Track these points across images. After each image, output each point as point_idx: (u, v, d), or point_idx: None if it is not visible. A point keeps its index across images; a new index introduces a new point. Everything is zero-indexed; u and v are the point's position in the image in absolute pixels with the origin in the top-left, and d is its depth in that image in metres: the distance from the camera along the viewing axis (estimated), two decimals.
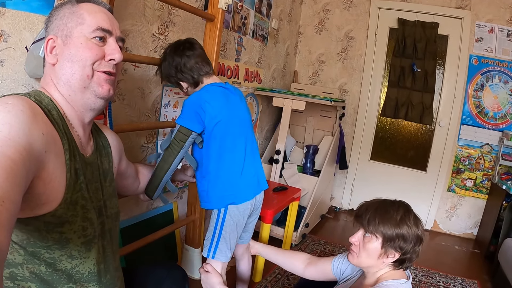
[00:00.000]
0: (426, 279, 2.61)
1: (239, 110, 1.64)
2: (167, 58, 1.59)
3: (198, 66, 1.56)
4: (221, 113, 1.52)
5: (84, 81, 0.88)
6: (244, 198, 1.62)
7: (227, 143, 1.56)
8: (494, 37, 3.34)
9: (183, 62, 1.55)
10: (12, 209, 0.56)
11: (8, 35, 1.22)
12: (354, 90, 3.86)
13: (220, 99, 1.55)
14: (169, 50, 1.60)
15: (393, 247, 1.17)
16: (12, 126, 0.65)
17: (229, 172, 1.58)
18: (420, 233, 1.19)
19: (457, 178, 3.60)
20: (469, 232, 3.62)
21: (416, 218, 1.21)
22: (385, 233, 1.17)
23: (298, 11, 3.89)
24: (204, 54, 1.63)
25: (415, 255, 1.20)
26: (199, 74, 1.57)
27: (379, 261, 1.20)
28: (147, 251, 1.97)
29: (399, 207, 1.22)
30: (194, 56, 1.56)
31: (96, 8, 0.91)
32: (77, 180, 0.86)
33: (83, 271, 0.90)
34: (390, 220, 1.18)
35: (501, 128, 3.40)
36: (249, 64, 2.97)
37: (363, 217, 1.23)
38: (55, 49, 0.88)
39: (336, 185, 4.04)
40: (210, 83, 1.59)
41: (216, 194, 1.60)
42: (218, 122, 1.51)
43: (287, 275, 2.42)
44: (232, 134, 1.57)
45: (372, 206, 1.25)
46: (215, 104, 1.51)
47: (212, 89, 1.55)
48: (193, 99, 1.52)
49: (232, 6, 2.53)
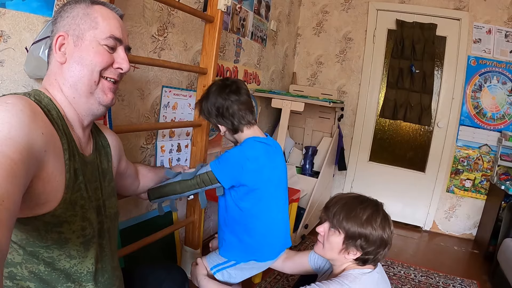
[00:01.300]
0: (425, 280, 2.61)
1: (278, 169, 1.55)
2: (210, 97, 1.49)
3: (241, 114, 1.46)
4: (261, 173, 1.44)
5: (91, 86, 0.88)
6: (268, 257, 1.55)
7: (262, 203, 1.48)
8: (492, 38, 3.35)
9: (226, 105, 1.45)
10: (12, 208, 0.56)
11: (8, 35, 1.22)
12: (353, 92, 3.87)
13: (263, 159, 1.45)
14: (214, 89, 1.49)
15: (354, 245, 1.16)
16: (11, 126, 0.65)
17: (258, 230, 1.50)
18: (386, 237, 1.16)
19: (455, 178, 3.60)
20: (468, 233, 3.62)
21: (385, 221, 1.18)
22: (348, 230, 1.16)
23: (297, 13, 3.89)
24: (249, 101, 1.52)
25: (380, 257, 1.18)
26: (240, 122, 1.47)
27: (340, 256, 1.20)
28: (147, 252, 1.96)
29: (367, 207, 1.19)
30: (239, 102, 1.46)
31: (111, 14, 0.92)
32: (76, 180, 0.86)
33: (81, 271, 0.90)
34: (355, 218, 1.16)
35: (499, 129, 3.41)
36: (248, 65, 2.97)
37: (330, 209, 1.22)
38: (64, 47, 0.87)
39: (335, 186, 4.04)
40: (253, 136, 1.49)
41: (238, 249, 1.52)
42: (257, 182, 1.44)
43: (286, 276, 2.41)
44: (267, 194, 1.49)
45: (342, 200, 1.23)
46: (257, 163, 1.43)
47: (256, 147, 1.46)
48: (236, 154, 1.43)
49: (231, 8, 2.54)
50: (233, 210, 1.49)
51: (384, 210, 1.22)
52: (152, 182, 1.53)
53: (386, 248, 1.17)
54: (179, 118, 2.16)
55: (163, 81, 1.99)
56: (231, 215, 1.51)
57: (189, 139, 2.25)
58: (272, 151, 1.53)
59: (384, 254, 1.18)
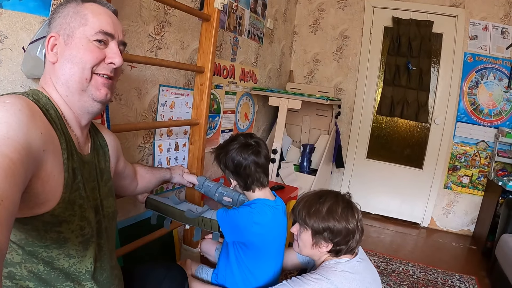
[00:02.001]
0: (424, 276, 2.63)
1: (281, 230, 1.55)
2: (230, 152, 1.48)
3: (256, 176, 1.46)
4: (266, 237, 1.45)
5: (82, 83, 0.87)
6: None
7: (261, 260, 1.49)
8: (488, 34, 3.36)
9: (244, 165, 1.45)
10: (11, 208, 0.56)
11: (5, 35, 1.22)
12: (350, 89, 3.88)
13: (270, 224, 1.45)
14: (237, 146, 1.48)
15: (322, 238, 1.20)
16: (10, 125, 0.65)
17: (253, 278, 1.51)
18: (352, 226, 1.19)
19: (453, 175, 3.62)
20: (466, 229, 3.64)
21: (347, 210, 1.21)
22: (312, 226, 1.21)
23: (293, 11, 3.89)
24: (266, 165, 1.52)
25: (353, 245, 1.21)
26: (253, 183, 1.48)
27: (314, 251, 1.25)
28: (146, 251, 1.96)
29: (325, 200, 1.23)
30: (257, 165, 1.46)
31: (101, 10, 0.91)
32: (75, 179, 0.86)
33: (80, 270, 0.90)
34: (316, 213, 1.21)
35: (496, 125, 3.43)
36: (245, 64, 2.97)
37: (295, 209, 1.28)
38: (56, 47, 0.87)
39: (333, 184, 4.05)
40: (262, 198, 1.49)
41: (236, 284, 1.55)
42: (259, 244, 1.45)
43: (285, 275, 2.42)
44: (268, 254, 1.50)
45: (304, 198, 1.29)
46: (265, 227, 1.43)
47: (265, 212, 1.45)
48: (244, 216, 1.43)
49: (227, 6, 2.54)
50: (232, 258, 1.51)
51: (347, 200, 1.25)
52: (150, 184, 1.53)
53: (356, 235, 1.21)
54: (176, 117, 2.15)
55: (160, 80, 1.99)
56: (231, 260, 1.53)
57: (186, 137, 2.25)
58: (278, 213, 1.52)
59: (357, 241, 1.22)
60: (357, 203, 1.28)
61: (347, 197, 1.27)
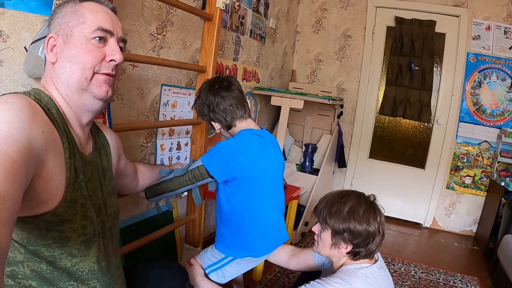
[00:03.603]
0: (426, 276, 2.62)
1: (273, 161, 1.53)
2: (201, 96, 1.50)
3: (232, 109, 1.45)
4: (255, 167, 1.42)
5: (82, 82, 0.87)
6: (264, 252, 1.55)
7: (256, 198, 1.47)
8: (491, 34, 3.35)
9: (216, 102, 1.45)
10: (13, 207, 0.56)
11: (7, 35, 1.22)
12: (352, 89, 3.87)
13: (256, 151, 1.43)
14: (205, 87, 1.50)
15: (342, 239, 1.18)
16: (12, 125, 0.65)
17: (253, 227, 1.49)
18: (373, 229, 1.16)
19: (455, 175, 3.61)
20: (468, 229, 3.63)
21: (369, 212, 1.18)
22: (332, 226, 1.19)
23: (296, 11, 3.89)
24: (241, 96, 1.51)
25: (372, 248, 1.18)
26: (232, 117, 1.46)
27: (333, 252, 1.22)
28: (147, 250, 1.97)
29: (348, 200, 1.20)
30: (230, 97, 1.45)
31: (99, 8, 0.91)
32: (77, 178, 0.86)
33: (83, 269, 0.90)
34: (337, 213, 1.19)
35: (499, 125, 3.41)
36: (247, 63, 2.97)
37: (317, 208, 1.26)
38: (55, 48, 0.87)
39: (335, 184, 4.04)
40: (246, 128, 1.48)
41: (235, 244, 1.51)
42: (250, 176, 1.42)
43: (287, 274, 2.42)
44: (263, 189, 1.48)
45: (327, 197, 1.26)
46: (250, 156, 1.40)
47: (249, 139, 1.44)
48: (228, 146, 1.41)
49: (229, 6, 2.54)
50: (226, 206, 1.49)
51: (370, 202, 1.22)
52: (151, 180, 1.53)
53: (377, 238, 1.18)
54: (178, 116, 2.16)
55: (162, 79, 1.99)
56: (225, 211, 1.50)
57: (188, 137, 2.25)
58: (267, 143, 1.51)
59: (376, 245, 1.19)
60: (381, 206, 1.24)
61: (371, 198, 1.24)
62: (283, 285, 2.30)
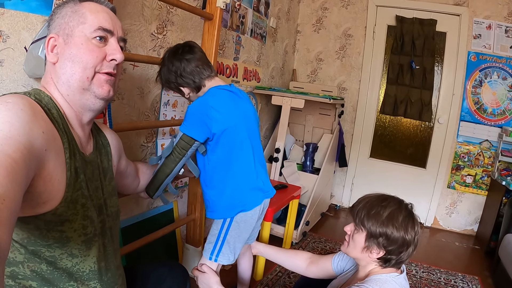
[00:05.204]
0: (427, 276, 2.62)
1: (246, 114, 1.56)
2: (166, 63, 1.51)
3: (199, 70, 1.48)
4: (228, 119, 1.44)
5: (83, 82, 0.87)
6: (253, 204, 1.56)
7: (235, 151, 1.48)
8: (492, 33, 3.34)
9: (182, 66, 1.46)
10: (13, 207, 0.55)
11: (7, 35, 1.22)
12: (353, 88, 3.87)
13: (227, 104, 1.46)
14: (168, 55, 1.51)
15: (376, 243, 1.15)
16: (12, 125, 0.65)
17: (236, 180, 1.51)
18: (410, 237, 1.13)
19: (456, 174, 3.60)
20: (469, 229, 3.62)
21: (407, 220, 1.15)
22: (369, 228, 1.16)
23: (296, 10, 3.89)
24: (204, 57, 1.54)
25: (404, 257, 1.16)
26: (200, 78, 1.49)
27: (364, 255, 1.19)
28: (148, 250, 1.97)
29: (388, 205, 1.18)
30: (194, 59, 1.48)
31: (99, 8, 0.91)
32: (77, 178, 0.86)
33: (83, 269, 0.90)
34: (376, 216, 1.16)
35: (500, 124, 3.41)
36: (248, 63, 2.97)
37: (355, 208, 1.23)
38: (56, 48, 0.88)
39: (336, 183, 4.04)
40: (215, 86, 1.50)
41: (223, 203, 1.53)
42: (226, 129, 1.43)
43: (288, 274, 2.42)
44: (240, 141, 1.49)
45: (366, 199, 1.24)
46: (222, 110, 1.42)
47: (218, 93, 1.46)
48: (198, 105, 1.44)
49: (230, 5, 2.53)
50: (208, 166, 1.51)
51: (409, 210, 1.19)
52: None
53: (410, 248, 1.15)
54: (179, 116, 2.16)
55: None
56: (207, 171, 1.52)
57: None
58: (237, 97, 1.54)
59: (408, 255, 1.16)
60: (417, 215, 1.21)
61: (409, 207, 1.21)
62: (284, 284, 2.30)
